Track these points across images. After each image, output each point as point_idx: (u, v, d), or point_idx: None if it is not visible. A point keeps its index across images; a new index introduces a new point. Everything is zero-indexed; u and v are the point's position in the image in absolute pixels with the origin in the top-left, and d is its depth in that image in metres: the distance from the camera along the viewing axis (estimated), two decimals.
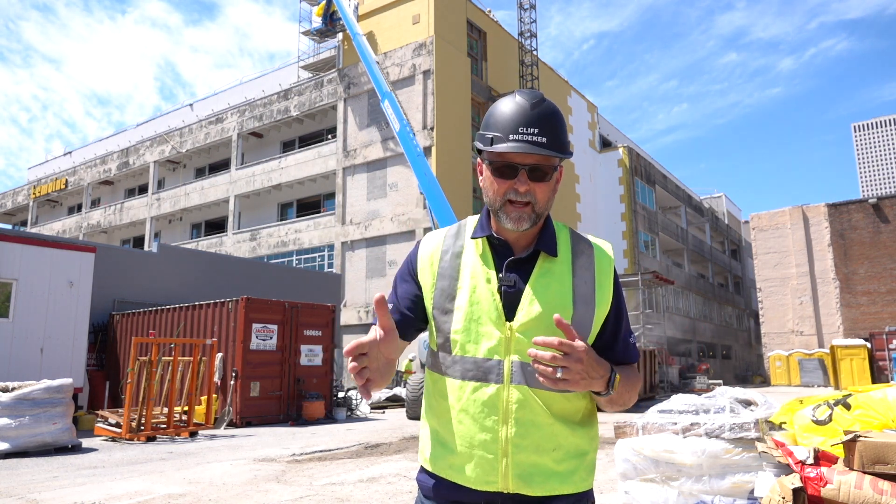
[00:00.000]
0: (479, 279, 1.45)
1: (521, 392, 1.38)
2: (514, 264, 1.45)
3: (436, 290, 1.48)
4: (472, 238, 1.51)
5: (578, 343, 1.27)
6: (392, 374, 1.43)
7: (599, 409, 1.53)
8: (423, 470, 1.51)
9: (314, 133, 32.30)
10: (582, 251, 1.47)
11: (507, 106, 1.42)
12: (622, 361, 1.49)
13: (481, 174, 1.50)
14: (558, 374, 1.25)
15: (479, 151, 1.48)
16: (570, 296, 1.41)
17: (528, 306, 1.40)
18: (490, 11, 32.25)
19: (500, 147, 1.39)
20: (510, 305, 1.41)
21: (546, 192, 1.44)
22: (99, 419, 11.32)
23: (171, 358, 11.57)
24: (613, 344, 1.48)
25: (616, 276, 1.50)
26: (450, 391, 1.44)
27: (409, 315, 1.49)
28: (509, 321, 1.40)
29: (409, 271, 1.54)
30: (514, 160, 1.40)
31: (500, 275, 1.43)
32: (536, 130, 1.38)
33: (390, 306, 1.47)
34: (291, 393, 13.98)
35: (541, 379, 1.28)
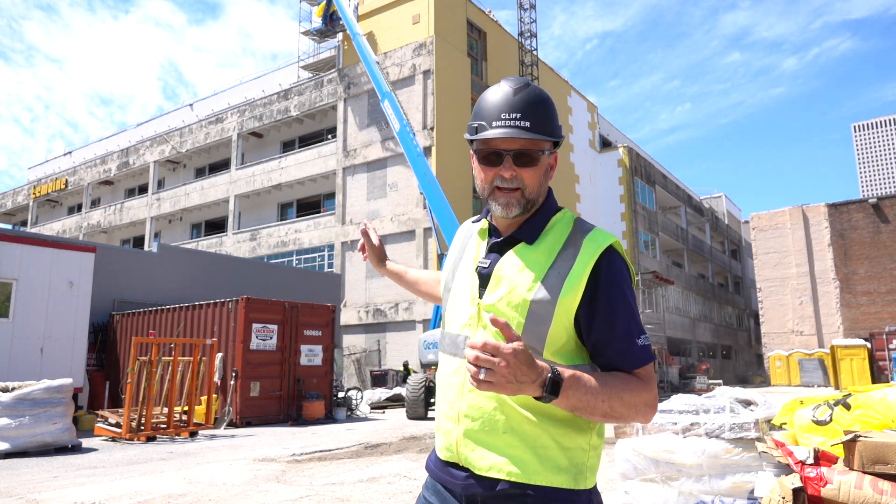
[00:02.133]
0: (468, 260, 1.53)
1: None
2: (496, 247, 1.49)
3: (447, 272, 1.60)
4: (473, 223, 1.62)
5: (506, 345, 1.17)
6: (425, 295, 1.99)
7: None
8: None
9: (314, 133, 32.30)
10: (574, 243, 1.41)
11: (493, 94, 1.43)
12: (621, 367, 1.37)
13: (474, 165, 1.51)
14: (481, 376, 1.17)
15: (471, 143, 1.49)
16: (536, 283, 1.37)
17: (495, 288, 1.42)
18: (490, 11, 32.25)
19: (484, 134, 1.40)
20: (485, 286, 1.45)
21: (535, 178, 1.42)
22: (99, 419, 11.32)
23: (171, 358, 11.57)
24: (609, 342, 1.36)
25: (607, 270, 1.37)
26: (439, 366, 1.54)
27: None
28: (481, 300, 1.44)
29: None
30: (499, 146, 1.41)
31: (483, 256, 1.49)
32: (519, 115, 1.38)
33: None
34: (291, 393, 13.98)
35: (470, 381, 1.22)
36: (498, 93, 1.42)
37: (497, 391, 1.20)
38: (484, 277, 1.46)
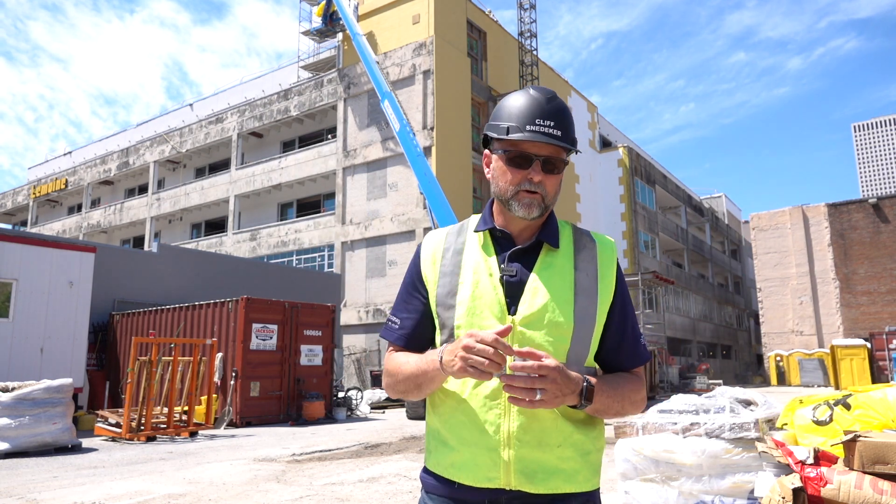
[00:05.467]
0: (481, 273, 1.43)
1: None
2: (516, 255, 1.45)
3: (439, 288, 1.47)
4: (475, 231, 1.50)
5: (550, 362, 1.24)
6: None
7: None
8: (425, 469, 1.49)
9: (314, 133, 32.29)
10: (584, 245, 1.47)
11: (522, 99, 1.43)
12: (627, 365, 1.47)
13: (488, 165, 1.50)
14: (537, 397, 1.24)
15: (488, 142, 1.48)
16: (572, 288, 1.41)
17: (532, 298, 1.39)
18: (490, 11, 32.25)
19: (518, 136, 1.39)
20: (512, 296, 1.40)
21: (555, 185, 1.45)
22: (99, 419, 11.32)
23: (171, 358, 11.57)
24: (620, 343, 1.46)
25: (620, 272, 1.49)
26: (452, 387, 1.42)
27: (416, 332, 1.51)
28: (512, 314, 1.39)
29: (415, 275, 1.53)
30: (530, 150, 1.41)
31: (503, 265, 1.43)
32: (552, 123, 1.40)
33: (395, 326, 1.52)
34: (291, 393, 13.98)
35: (513, 402, 1.27)
36: (528, 98, 1.42)
37: (545, 407, 1.27)
38: (513, 286, 1.41)
